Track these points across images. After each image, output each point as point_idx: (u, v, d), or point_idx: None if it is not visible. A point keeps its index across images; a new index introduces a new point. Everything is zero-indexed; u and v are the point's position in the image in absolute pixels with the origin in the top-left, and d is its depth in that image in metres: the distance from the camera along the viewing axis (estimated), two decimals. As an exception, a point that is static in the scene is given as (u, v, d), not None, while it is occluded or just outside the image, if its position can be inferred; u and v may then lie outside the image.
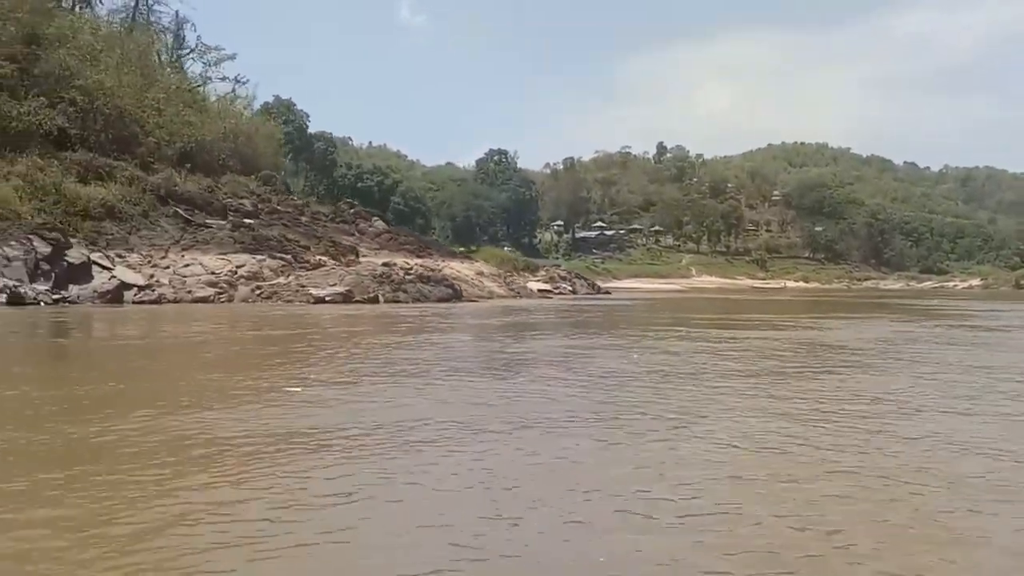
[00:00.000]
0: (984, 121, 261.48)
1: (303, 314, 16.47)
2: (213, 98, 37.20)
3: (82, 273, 19.72)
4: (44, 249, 19.61)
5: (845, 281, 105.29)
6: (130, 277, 20.15)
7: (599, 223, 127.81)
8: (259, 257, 21.73)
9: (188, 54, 36.91)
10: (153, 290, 20.05)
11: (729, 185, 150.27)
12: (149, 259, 21.24)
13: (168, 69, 33.97)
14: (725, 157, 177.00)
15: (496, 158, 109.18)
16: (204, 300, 20.21)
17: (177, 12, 39.80)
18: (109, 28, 31.76)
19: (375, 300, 20.74)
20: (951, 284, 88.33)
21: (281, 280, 21.02)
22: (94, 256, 20.12)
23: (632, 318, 19.30)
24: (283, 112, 74.51)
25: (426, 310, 18.75)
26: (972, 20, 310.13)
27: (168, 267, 21.16)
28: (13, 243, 19.37)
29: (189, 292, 20.30)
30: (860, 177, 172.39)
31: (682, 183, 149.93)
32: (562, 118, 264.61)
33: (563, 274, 39.25)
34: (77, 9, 32.73)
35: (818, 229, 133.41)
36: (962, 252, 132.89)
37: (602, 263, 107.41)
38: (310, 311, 17.75)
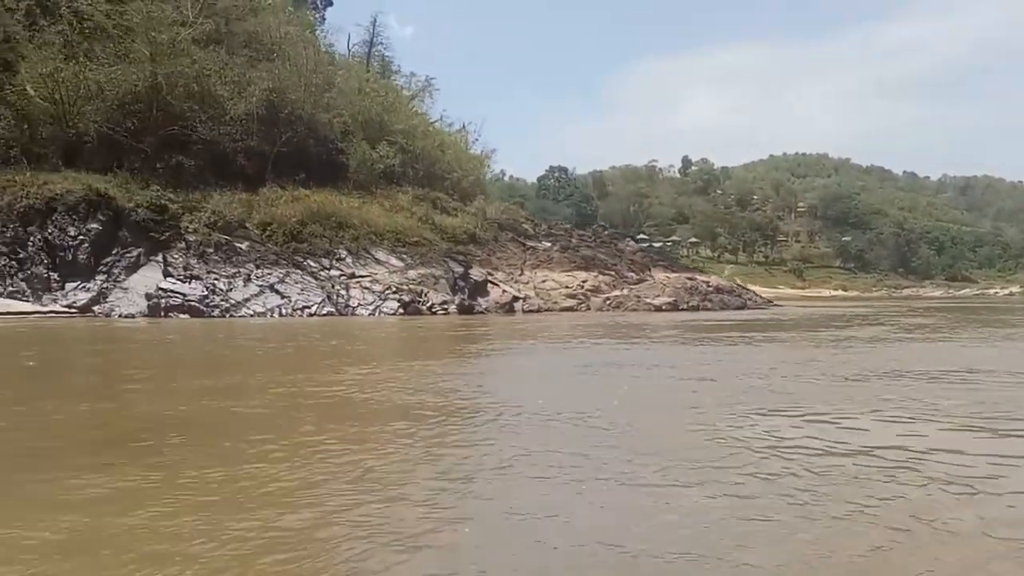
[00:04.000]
0: (979, 129, 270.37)
1: (690, 319, 21.77)
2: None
3: (482, 288, 25.00)
4: (458, 269, 24.91)
5: (884, 290, 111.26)
6: (513, 290, 25.45)
7: (641, 235, 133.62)
8: (592, 273, 27.05)
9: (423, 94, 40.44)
10: (529, 300, 25.37)
11: (755, 197, 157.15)
12: (511, 276, 26.50)
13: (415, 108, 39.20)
14: (745, 166, 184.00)
15: (556, 174, 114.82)
16: (569, 309, 25.51)
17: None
18: (372, 71, 36.90)
19: (696, 308, 26.13)
20: (992, 292, 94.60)
21: (616, 292, 26.34)
22: (491, 275, 25.39)
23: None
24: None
25: (745, 315, 24.11)
26: (962, 28, 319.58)
27: (528, 282, 26.44)
28: (435, 266, 24.66)
29: (555, 303, 25.61)
30: (864, 187, 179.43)
31: (708, 195, 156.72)
32: (552, 129, 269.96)
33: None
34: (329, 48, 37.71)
35: (846, 239, 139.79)
36: (983, 260, 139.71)
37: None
38: (668, 317, 23.01)
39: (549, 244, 29.14)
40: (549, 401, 6.08)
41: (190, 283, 21.83)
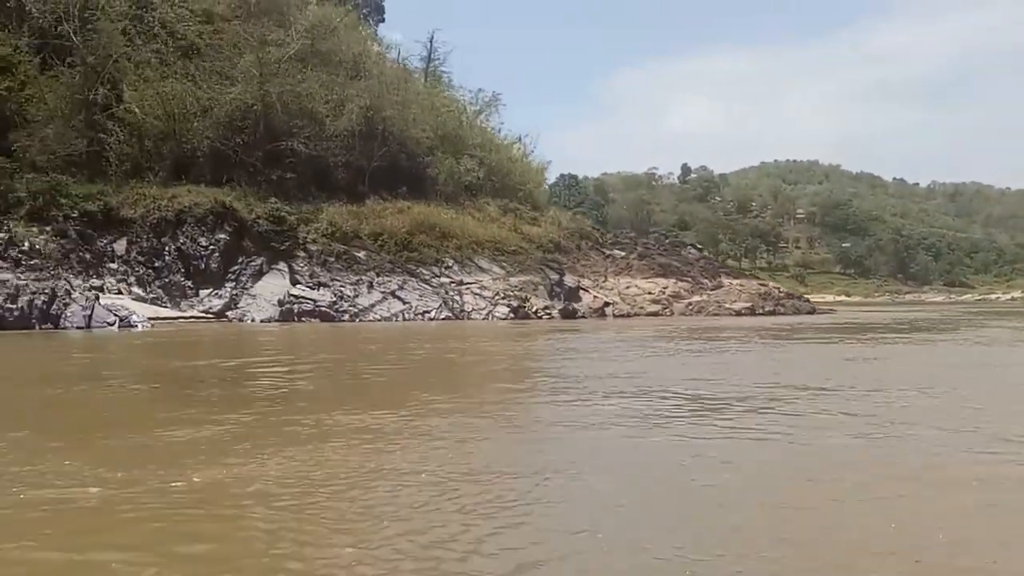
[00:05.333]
0: (966, 135, 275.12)
1: (788, 323, 23.45)
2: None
3: (575, 294, 26.57)
4: (554, 276, 26.49)
5: (886, 295, 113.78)
6: (604, 296, 27.04)
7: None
8: (671, 280, 28.71)
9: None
10: (617, 306, 26.97)
11: (753, 203, 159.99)
12: (596, 282, 28.10)
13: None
14: (737, 172, 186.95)
15: (567, 181, 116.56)
16: (654, 315, 27.12)
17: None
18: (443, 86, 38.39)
19: (772, 313, 27.83)
20: (993, 297, 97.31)
21: (696, 298, 28.00)
22: (579, 281, 26.99)
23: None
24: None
25: (827, 319, 25.86)
26: (947, 35, 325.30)
27: (612, 288, 28.04)
28: (533, 273, 26.22)
29: (641, 308, 27.22)
30: (856, 194, 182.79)
31: (708, 202, 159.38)
32: (549, 134, 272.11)
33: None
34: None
35: (845, 245, 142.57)
36: (979, 266, 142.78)
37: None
38: (755, 321, 24.69)
39: (621, 252, 30.79)
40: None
41: (318, 290, 23.28)
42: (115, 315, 18.03)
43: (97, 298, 18.82)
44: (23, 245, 19.43)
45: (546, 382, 8.22)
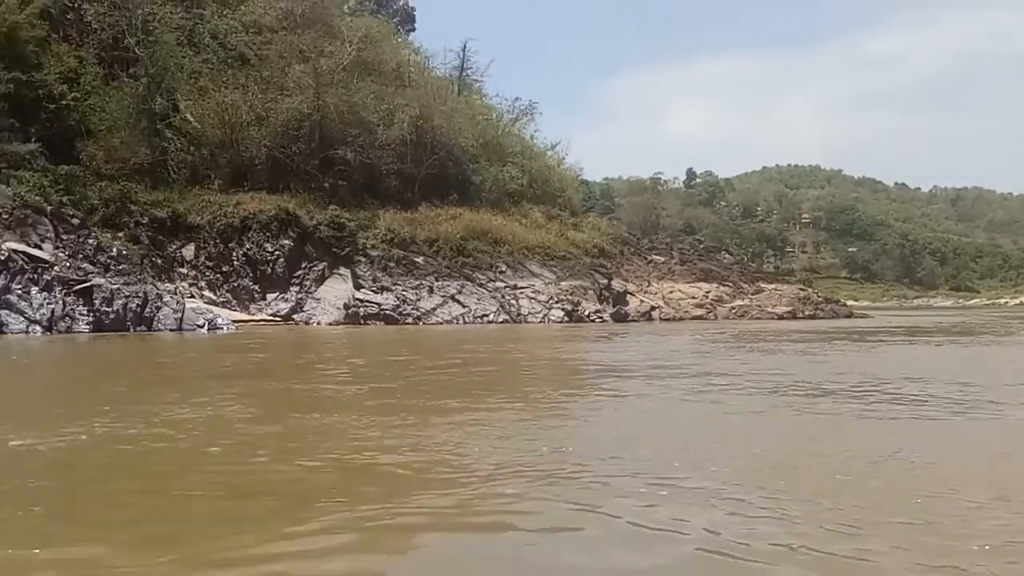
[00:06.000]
0: (966, 140, 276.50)
1: (833, 327, 24.24)
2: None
3: (622, 298, 27.37)
4: (602, 281, 27.29)
5: (893, 300, 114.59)
6: (650, 301, 27.84)
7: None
8: (713, 284, 29.53)
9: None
10: (663, 310, 27.77)
11: (758, 208, 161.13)
12: (641, 287, 28.90)
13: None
14: (739, 176, 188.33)
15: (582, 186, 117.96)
16: (699, 318, 27.92)
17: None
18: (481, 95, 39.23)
19: (812, 317, 28.63)
20: (1002, 302, 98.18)
21: (739, 302, 28.80)
22: (625, 285, 27.80)
23: None
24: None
25: (866, 323, 26.66)
26: (945, 39, 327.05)
27: (656, 292, 28.84)
28: (583, 278, 27.01)
29: (686, 312, 28.02)
30: (859, 199, 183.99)
31: (714, 207, 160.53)
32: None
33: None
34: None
35: (852, 250, 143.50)
36: (984, 271, 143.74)
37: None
38: (800, 325, 25.45)
39: (661, 257, 31.63)
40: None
41: (382, 294, 24.06)
42: (204, 318, 18.81)
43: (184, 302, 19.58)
44: (111, 251, 20.17)
45: (735, 380, 8.96)
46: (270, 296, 23.96)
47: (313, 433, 4.80)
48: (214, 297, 23.11)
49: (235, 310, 23.10)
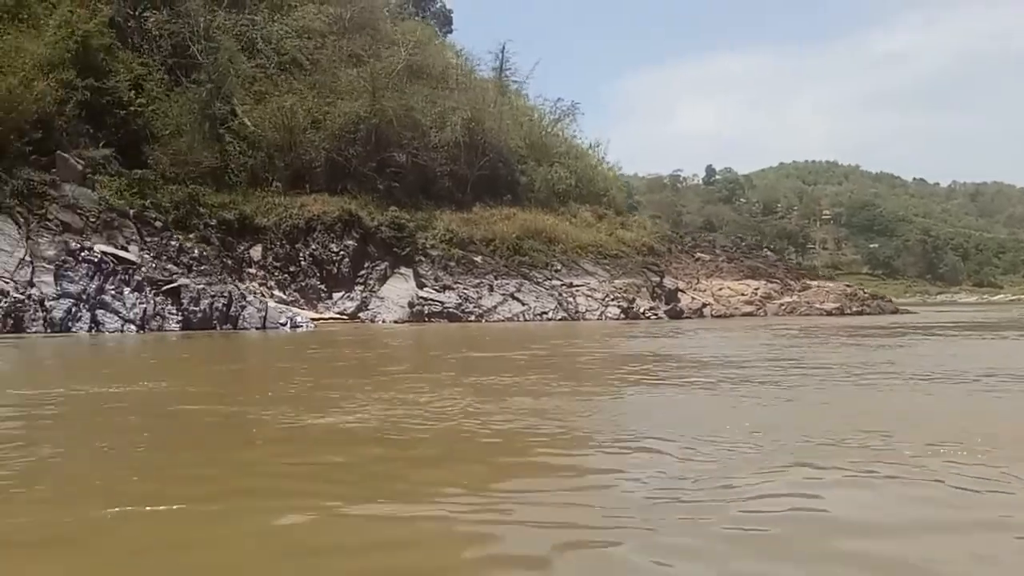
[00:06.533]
0: (986, 135, 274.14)
1: (888, 323, 24.60)
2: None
3: (674, 296, 27.86)
4: (655, 278, 27.79)
5: (916, 296, 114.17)
6: (701, 298, 28.32)
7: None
8: (761, 281, 29.97)
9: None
10: (713, 306, 28.23)
11: (779, 204, 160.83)
12: (690, 284, 29.37)
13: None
14: (756, 173, 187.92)
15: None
16: (749, 315, 28.36)
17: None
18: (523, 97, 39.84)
19: (859, 313, 28.99)
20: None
21: (787, 299, 29.21)
22: (676, 283, 28.29)
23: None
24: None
25: (916, 319, 26.99)
26: (948, 38, 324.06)
27: (705, 289, 29.31)
28: (635, 276, 27.53)
29: (736, 309, 28.47)
30: (877, 195, 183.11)
31: (733, 204, 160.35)
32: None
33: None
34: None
35: (873, 246, 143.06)
36: (1007, 266, 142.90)
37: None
38: (850, 321, 25.82)
39: (707, 255, 32.11)
40: None
41: (444, 292, 24.69)
42: (285, 316, 19.51)
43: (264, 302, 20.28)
44: (192, 252, 20.91)
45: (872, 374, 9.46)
46: (336, 295, 24.66)
47: (529, 412, 5.38)
48: (284, 296, 23.80)
49: (304, 309, 23.81)
